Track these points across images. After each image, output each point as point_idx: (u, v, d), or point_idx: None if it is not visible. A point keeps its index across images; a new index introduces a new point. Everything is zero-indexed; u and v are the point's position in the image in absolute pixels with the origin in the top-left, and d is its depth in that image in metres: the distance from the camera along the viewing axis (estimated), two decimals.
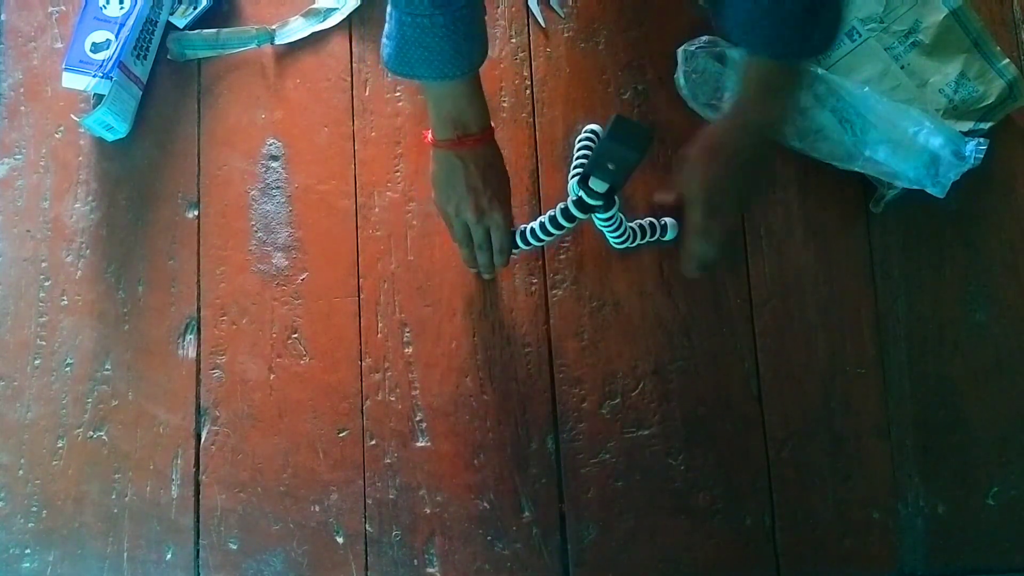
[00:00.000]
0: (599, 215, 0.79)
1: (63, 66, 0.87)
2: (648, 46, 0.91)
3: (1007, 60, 0.86)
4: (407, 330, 0.86)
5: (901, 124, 0.82)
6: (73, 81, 0.87)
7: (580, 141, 0.87)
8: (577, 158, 0.86)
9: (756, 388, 0.85)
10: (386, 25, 0.68)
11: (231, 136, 0.91)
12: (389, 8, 0.66)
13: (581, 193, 0.71)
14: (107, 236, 0.89)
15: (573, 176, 0.86)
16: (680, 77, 0.86)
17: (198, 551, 0.83)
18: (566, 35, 0.92)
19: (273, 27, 0.92)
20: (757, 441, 0.84)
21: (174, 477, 0.84)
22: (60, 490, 0.85)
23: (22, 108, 0.93)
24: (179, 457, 0.85)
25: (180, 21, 0.92)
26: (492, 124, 0.74)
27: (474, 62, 0.69)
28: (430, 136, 0.74)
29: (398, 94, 0.91)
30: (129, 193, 0.90)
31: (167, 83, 0.92)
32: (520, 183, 0.88)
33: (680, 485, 0.83)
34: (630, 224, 0.83)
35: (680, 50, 0.86)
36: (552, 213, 0.75)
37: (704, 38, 0.86)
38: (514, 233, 0.78)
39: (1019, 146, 0.89)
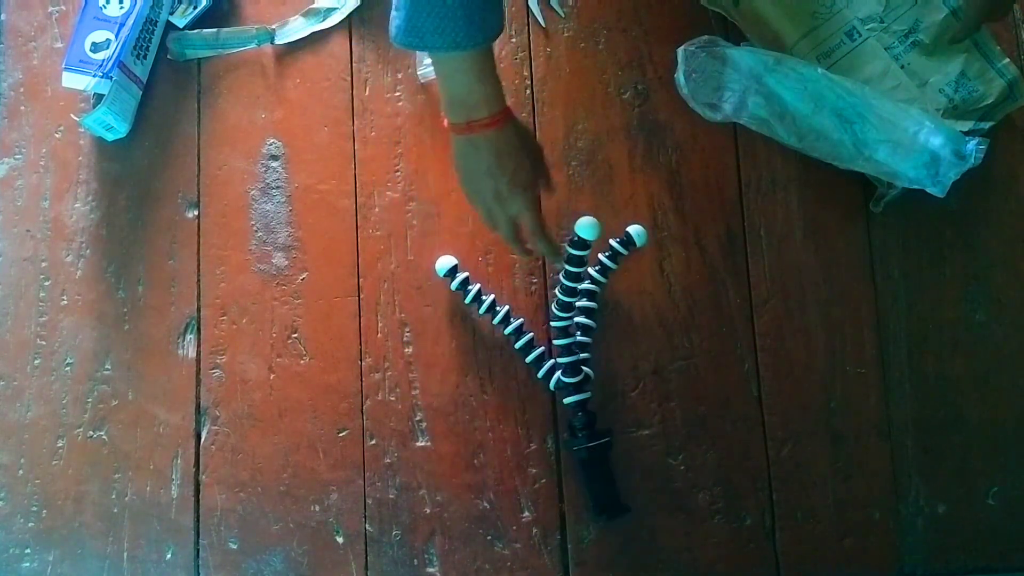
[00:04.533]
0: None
1: (63, 66, 0.87)
2: (648, 46, 0.91)
3: (1007, 60, 0.86)
4: (407, 330, 0.86)
5: (901, 123, 0.82)
6: (73, 81, 0.87)
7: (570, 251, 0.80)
8: (565, 279, 0.82)
9: (756, 388, 0.85)
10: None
11: (231, 136, 0.91)
12: None
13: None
14: (107, 236, 0.89)
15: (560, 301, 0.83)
16: (680, 76, 0.86)
17: (198, 551, 0.83)
18: (566, 35, 0.92)
19: (273, 27, 0.92)
20: (757, 441, 0.84)
21: (174, 477, 0.84)
22: (60, 490, 0.85)
23: (22, 108, 0.93)
24: (179, 457, 0.85)
25: (180, 21, 0.92)
26: (507, 105, 0.71)
27: (488, 33, 0.66)
28: (445, 121, 0.71)
29: (398, 94, 0.91)
30: (129, 193, 0.90)
31: (167, 83, 0.92)
32: None
33: (680, 485, 0.83)
34: (596, 269, 0.84)
35: (680, 50, 0.86)
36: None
37: (704, 38, 0.86)
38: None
39: (1019, 146, 0.89)
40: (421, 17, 0.64)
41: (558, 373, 0.82)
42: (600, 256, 0.84)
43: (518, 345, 0.84)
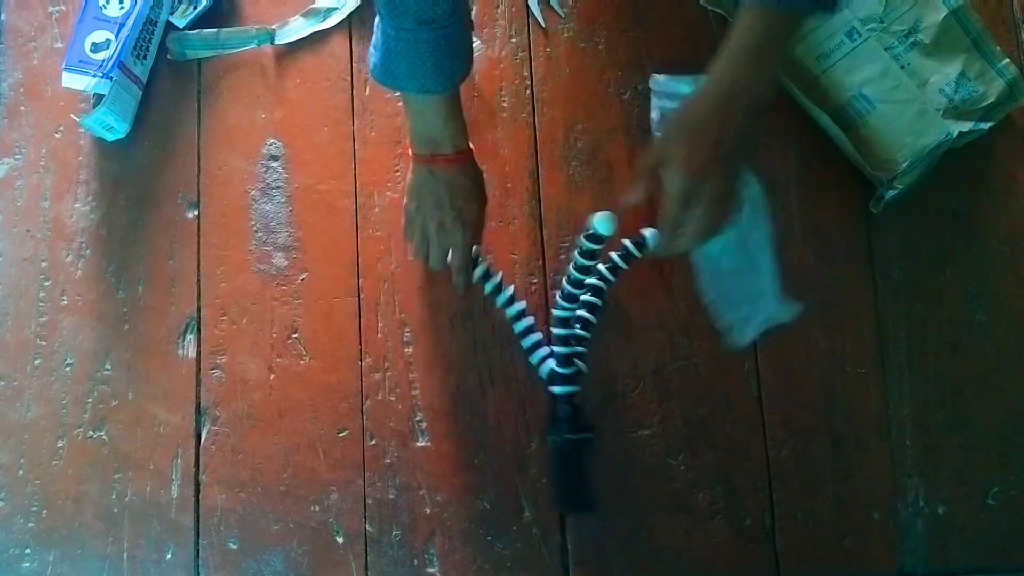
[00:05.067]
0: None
1: (63, 66, 0.87)
2: (648, 46, 0.91)
3: (1007, 60, 0.86)
4: (407, 330, 0.86)
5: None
6: (73, 81, 0.87)
7: (582, 248, 0.80)
8: (575, 269, 0.81)
9: (756, 388, 0.85)
10: (373, 36, 0.69)
11: (231, 136, 0.91)
12: (376, 20, 0.67)
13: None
14: (107, 236, 0.89)
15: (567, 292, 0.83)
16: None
17: (198, 551, 0.83)
18: (566, 35, 0.92)
19: (273, 27, 0.92)
20: (757, 441, 0.84)
21: (174, 477, 0.84)
22: (60, 490, 0.85)
23: (22, 108, 0.93)
24: (179, 457, 0.85)
25: (180, 21, 0.92)
26: (470, 146, 0.77)
27: (456, 79, 0.71)
28: (410, 149, 0.78)
29: (398, 94, 0.91)
30: (129, 193, 0.90)
31: (167, 83, 0.92)
32: (520, 183, 0.88)
33: (680, 485, 0.83)
34: (606, 266, 0.83)
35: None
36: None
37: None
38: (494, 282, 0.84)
39: (1019, 146, 0.89)
40: (394, 61, 0.69)
41: (551, 362, 0.82)
42: (613, 255, 0.83)
43: (518, 328, 0.83)
